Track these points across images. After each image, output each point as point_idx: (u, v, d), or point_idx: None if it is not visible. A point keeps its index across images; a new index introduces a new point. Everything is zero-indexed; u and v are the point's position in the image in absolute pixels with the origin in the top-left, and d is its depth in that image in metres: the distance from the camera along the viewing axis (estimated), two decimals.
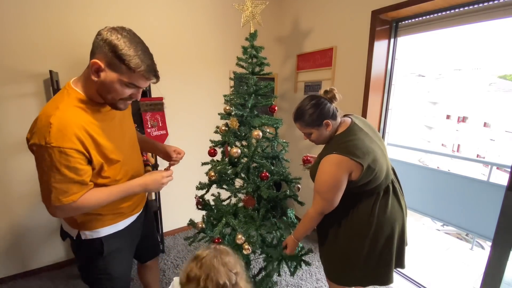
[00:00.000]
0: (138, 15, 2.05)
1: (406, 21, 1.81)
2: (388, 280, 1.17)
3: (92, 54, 0.80)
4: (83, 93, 0.84)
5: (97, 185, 0.89)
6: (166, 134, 2.22)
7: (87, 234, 0.94)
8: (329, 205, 1.12)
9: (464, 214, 2.45)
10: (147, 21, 2.08)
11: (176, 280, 0.92)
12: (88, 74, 0.81)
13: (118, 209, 0.99)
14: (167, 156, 1.21)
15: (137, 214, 1.10)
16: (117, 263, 1.03)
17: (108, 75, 0.79)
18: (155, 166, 2.06)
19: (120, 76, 0.80)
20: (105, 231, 0.96)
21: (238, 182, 1.53)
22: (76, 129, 0.78)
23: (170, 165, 1.16)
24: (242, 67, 1.47)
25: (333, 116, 1.13)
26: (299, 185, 1.55)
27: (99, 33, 0.79)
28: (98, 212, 0.92)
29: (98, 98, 0.85)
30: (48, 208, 0.83)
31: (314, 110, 1.11)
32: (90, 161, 0.83)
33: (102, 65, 0.78)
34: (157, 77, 0.86)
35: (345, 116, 1.22)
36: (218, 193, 1.55)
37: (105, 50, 0.77)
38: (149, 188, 0.98)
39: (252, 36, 1.44)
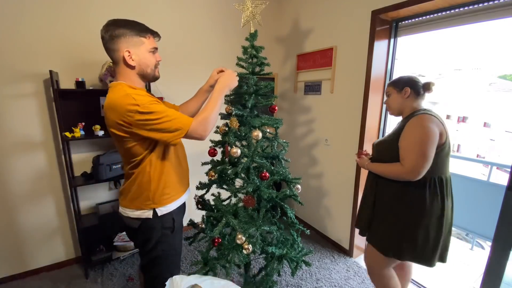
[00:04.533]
0: (138, 15, 2.05)
1: (406, 21, 1.81)
2: (430, 263, 1.25)
3: (114, 51, 0.98)
4: (127, 83, 1.02)
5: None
6: None
7: (163, 210, 1.11)
8: (426, 161, 1.14)
9: (464, 214, 2.45)
10: (147, 21, 2.08)
11: (174, 279, 0.92)
12: (122, 69, 1.01)
13: (181, 180, 1.19)
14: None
15: (187, 193, 1.27)
16: (178, 240, 1.22)
17: (138, 52, 1.00)
18: None
19: (145, 47, 1.01)
20: (172, 206, 1.14)
21: (238, 182, 1.52)
22: (143, 92, 1.00)
23: None
24: (242, 67, 1.47)
25: (416, 92, 1.26)
26: (299, 185, 1.55)
27: (104, 36, 0.97)
28: (164, 187, 1.10)
29: (137, 83, 1.05)
30: (194, 134, 1.02)
31: (405, 77, 1.30)
32: None
33: (130, 50, 0.98)
34: (157, 33, 1.09)
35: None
36: (218, 193, 1.55)
37: (123, 37, 0.96)
38: (229, 83, 1.17)
39: (252, 36, 1.43)
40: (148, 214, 1.08)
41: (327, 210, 2.46)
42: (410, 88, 1.26)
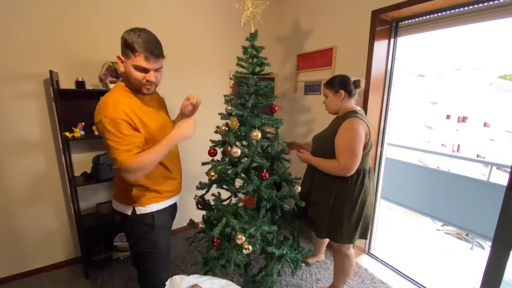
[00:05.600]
0: (138, 15, 2.05)
1: (406, 21, 1.81)
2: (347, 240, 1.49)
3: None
4: (125, 85, 1.07)
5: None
6: None
7: (141, 209, 1.13)
8: (356, 159, 1.32)
9: (464, 214, 2.45)
10: (147, 21, 2.08)
11: (174, 279, 0.92)
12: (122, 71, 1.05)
13: (163, 189, 1.18)
14: (189, 112, 1.28)
15: (174, 198, 1.27)
16: (163, 238, 1.21)
17: (126, 64, 1.02)
18: None
19: (131, 62, 0.99)
20: (154, 207, 1.15)
21: (238, 182, 1.53)
22: (124, 107, 0.99)
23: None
24: (243, 67, 1.47)
25: (349, 93, 1.43)
26: (299, 186, 1.55)
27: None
28: (146, 189, 1.12)
29: (131, 87, 1.07)
30: (124, 173, 1.00)
31: (339, 78, 1.45)
32: (136, 130, 1.02)
33: (122, 58, 1.02)
34: (154, 55, 1.01)
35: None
36: (218, 193, 1.55)
37: (121, 44, 1.00)
38: (184, 134, 1.11)
39: (253, 36, 1.43)
40: (128, 211, 1.13)
41: None
42: (344, 91, 1.42)
